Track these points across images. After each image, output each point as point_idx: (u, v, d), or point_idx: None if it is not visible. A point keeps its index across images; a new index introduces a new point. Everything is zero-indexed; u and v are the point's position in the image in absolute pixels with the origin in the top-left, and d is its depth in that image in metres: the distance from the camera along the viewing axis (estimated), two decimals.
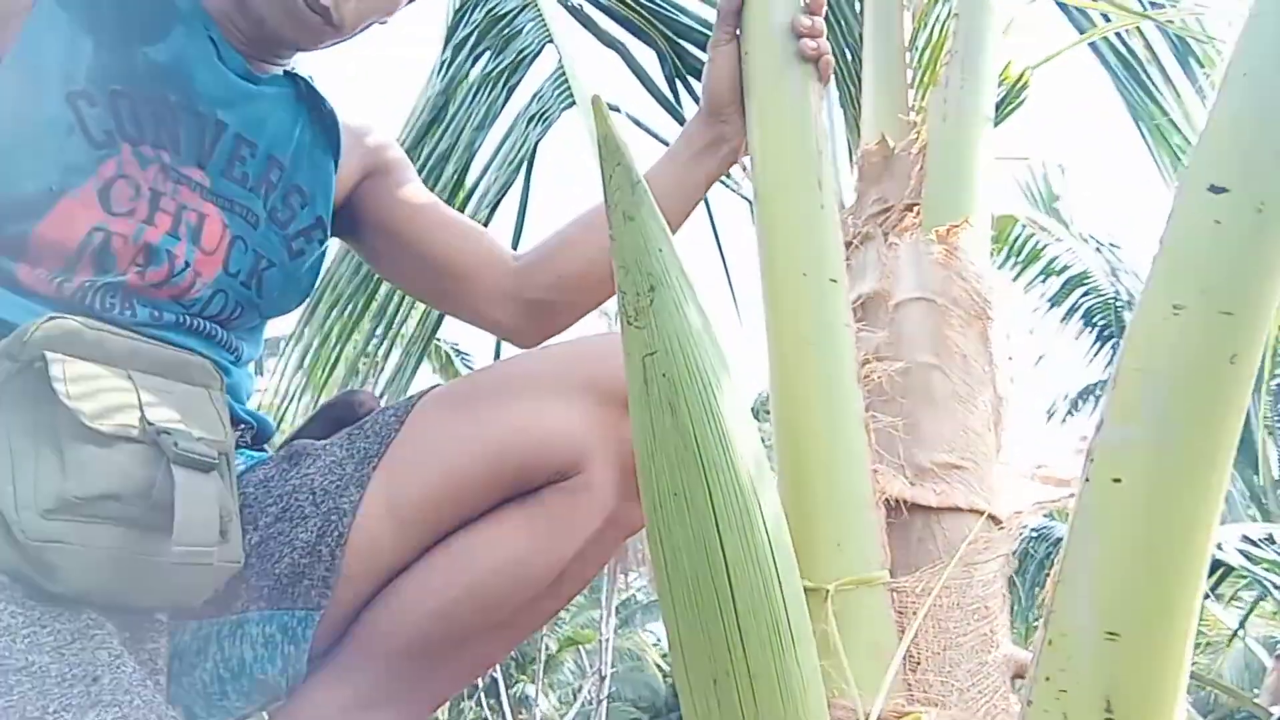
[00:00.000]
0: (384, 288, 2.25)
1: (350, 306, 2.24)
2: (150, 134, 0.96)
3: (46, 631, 0.73)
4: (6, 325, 0.85)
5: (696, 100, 2.29)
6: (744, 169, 1.69)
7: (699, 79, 2.35)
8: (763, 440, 0.86)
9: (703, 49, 2.35)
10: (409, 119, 2.32)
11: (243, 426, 1.07)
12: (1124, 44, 2.10)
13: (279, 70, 1.10)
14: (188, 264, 0.98)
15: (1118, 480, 0.80)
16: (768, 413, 1.15)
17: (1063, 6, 2.04)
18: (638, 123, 2.29)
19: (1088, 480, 0.82)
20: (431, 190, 1.33)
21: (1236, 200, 0.78)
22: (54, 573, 0.75)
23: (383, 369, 2.32)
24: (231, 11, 1.03)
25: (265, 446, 1.12)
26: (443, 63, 2.33)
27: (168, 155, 0.97)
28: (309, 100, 1.11)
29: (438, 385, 1.03)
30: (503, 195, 2.19)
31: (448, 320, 2.31)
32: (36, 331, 0.81)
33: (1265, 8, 0.82)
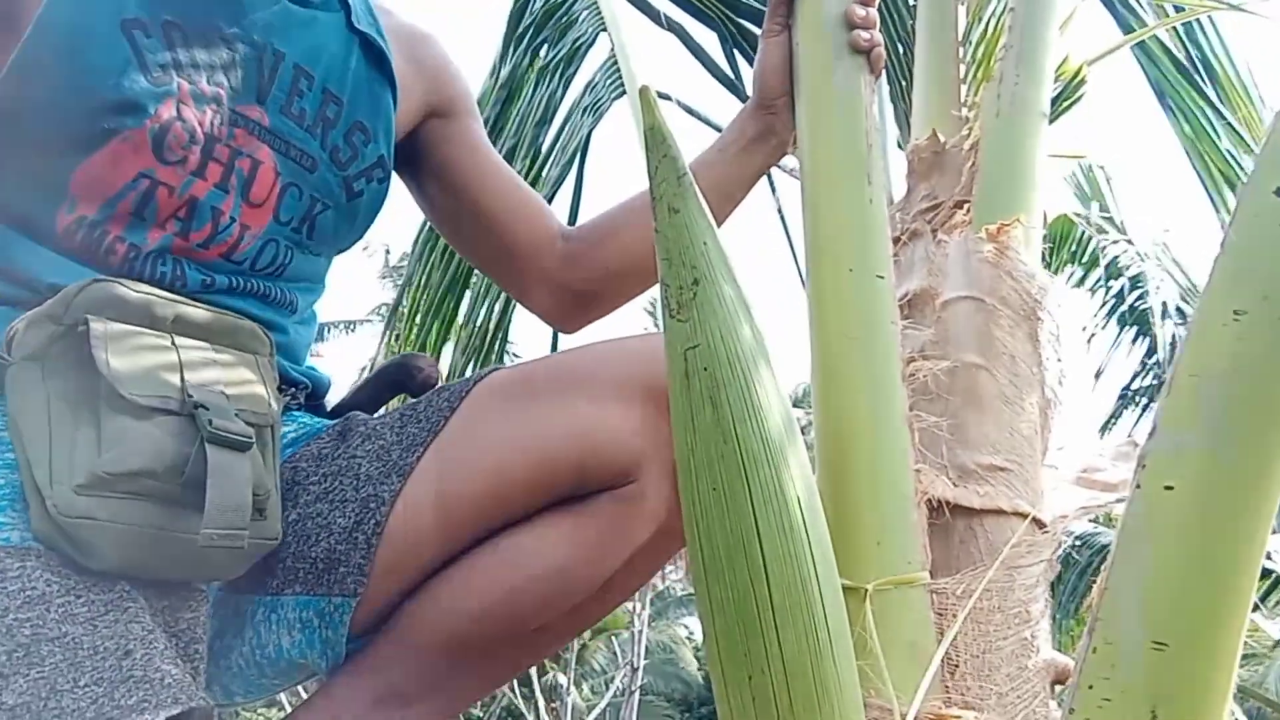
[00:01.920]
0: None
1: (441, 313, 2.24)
2: (206, 68, 0.90)
3: (80, 602, 0.73)
4: (53, 288, 0.83)
5: None
6: (789, 166, 1.68)
7: None
8: (803, 431, 0.85)
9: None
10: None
11: (294, 389, 1.04)
12: (1179, 40, 2.05)
13: None
14: (233, 219, 0.94)
15: (1170, 488, 0.79)
16: (809, 405, 1.14)
17: (1111, 3, 2.00)
18: (691, 111, 2.27)
19: (1139, 487, 0.81)
20: None
21: None
22: (87, 548, 0.74)
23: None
24: None
25: (322, 403, 1.10)
26: (504, 54, 2.32)
27: (225, 93, 0.91)
28: (362, 28, 1.04)
29: (495, 369, 0.99)
30: (558, 188, 2.18)
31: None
32: (80, 295, 0.80)
33: None
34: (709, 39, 2.23)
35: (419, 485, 0.90)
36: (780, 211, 2.33)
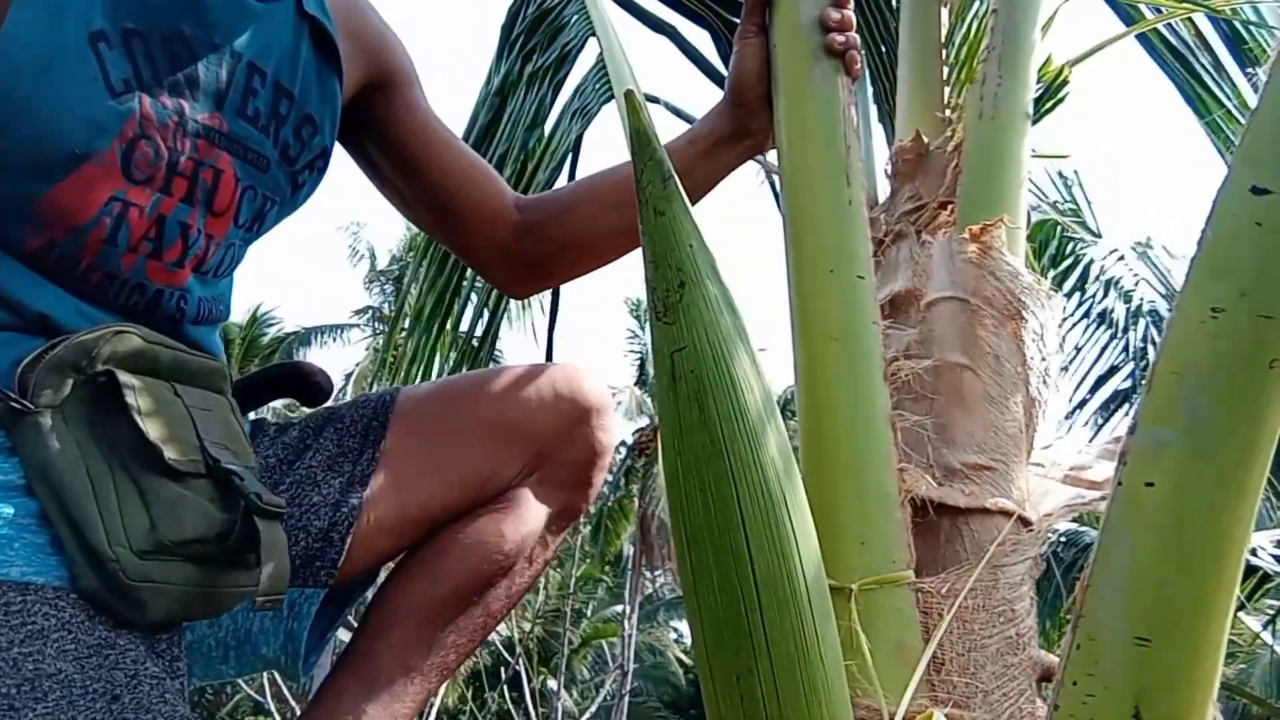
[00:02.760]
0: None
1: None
2: (167, 79, 0.87)
3: (70, 638, 0.73)
4: (41, 318, 0.82)
5: None
6: (763, 163, 1.68)
7: None
8: (789, 437, 0.86)
9: None
10: (469, 124, 2.31)
11: None
12: (1176, 35, 2.07)
13: None
14: (200, 231, 0.93)
15: (1150, 484, 0.79)
16: (793, 411, 1.14)
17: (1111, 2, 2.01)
18: (679, 113, 2.28)
19: (1120, 484, 0.81)
20: None
21: (1278, 202, 0.77)
22: (141, 608, 0.76)
23: None
24: None
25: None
26: (499, 61, 2.32)
27: (186, 104, 0.89)
28: (311, 12, 1.02)
29: (402, 388, 1.13)
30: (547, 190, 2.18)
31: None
32: (104, 345, 0.80)
33: None
34: (700, 37, 2.24)
35: (376, 491, 1.04)
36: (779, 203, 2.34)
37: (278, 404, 1.18)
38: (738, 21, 1.21)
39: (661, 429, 0.81)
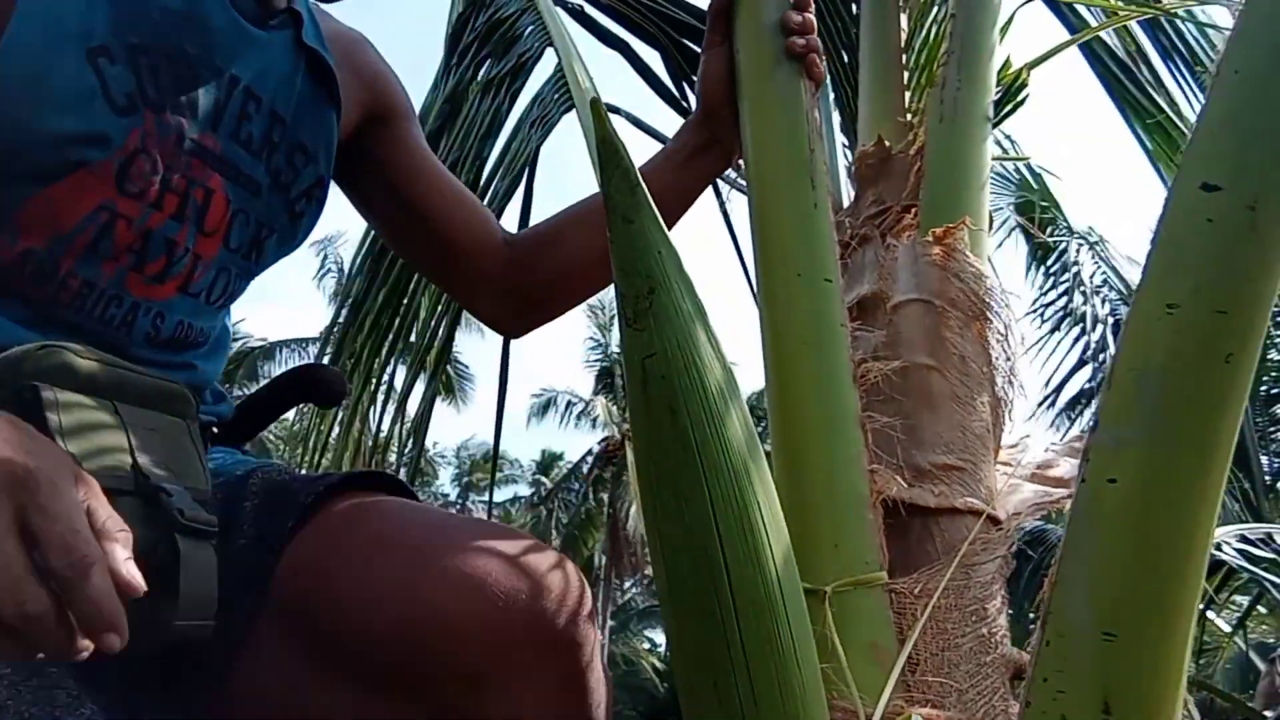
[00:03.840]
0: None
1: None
2: (171, 97, 0.89)
3: (4, 664, 0.70)
4: None
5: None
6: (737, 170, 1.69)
7: None
8: (761, 440, 0.86)
9: None
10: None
11: (206, 433, 1.01)
12: (1120, 41, 2.11)
13: (283, 3, 1.00)
14: (188, 249, 0.93)
15: (1113, 480, 0.80)
16: (762, 415, 1.14)
17: (1054, 7, 2.05)
18: (638, 123, 2.29)
19: (1084, 480, 0.82)
20: None
21: (1229, 198, 0.78)
22: None
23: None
24: None
25: (214, 428, 1.06)
26: (447, 68, 2.32)
27: (185, 121, 0.90)
28: (310, 44, 1.02)
29: (349, 489, 0.93)
30: (507, 201, 2.19)
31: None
32: (29, 361, 0.76)
33: (1257, 6, 0.82)
34: (651, 56, 2.26)
35: (272, 617, 0.86)
36: (727, 218, 2.36)
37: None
38: (686, 42, 1.22)
39: (634, 436, 0.81)
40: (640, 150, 1.43)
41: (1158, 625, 0.79)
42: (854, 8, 1.85)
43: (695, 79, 1.25)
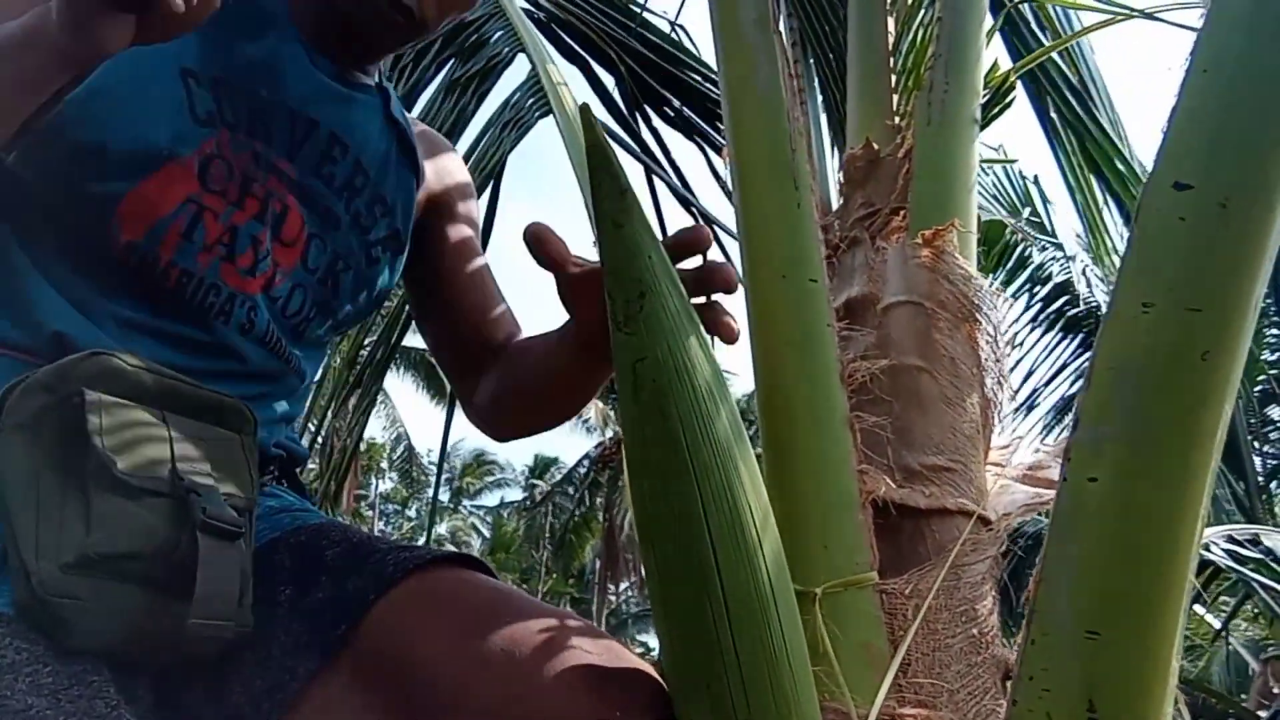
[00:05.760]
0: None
1: None
2: (245, 123, 0.96)
3: (47, 671, 0.71)
4: (57, 337, 0.85)
5: (654, 131, 2.33)
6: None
7: (656, 107, 2.37)
8: (751, 442, 0.87)
9: (662, 83, 2.36)
10: None
11: (272, 464, 1.03)
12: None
13: (369, 80, 1.08)
14: (269, 252, 0.97)
15: (1094, 479, 0.81)
16: (753, 419, 1.15)
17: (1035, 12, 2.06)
18: (611, 134, 2.32)
19: (1065, 480, 0.83)
20: None
21: (1200, 196, 0.79)
22: (65, 627, 0.73)
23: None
24: (318, 16, 1.01)
25: (298, 471, 1.10)
26: (400, 69, 2.35)
27: (260, 145, 0.97)
28: (397, 118, 1.10)
29: (433, 571, 0.89)
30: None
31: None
32: (78, 366, 0.79)
33: (1224, 5, 0.83)
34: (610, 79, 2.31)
35: (335, 671, 0.84)
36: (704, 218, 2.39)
37: None
38: (639, 70, 1.18)
39: (625, 440, 0.81)
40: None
41: (1141, 623, 0.79)
42: (841, 12, 1.86)
43: (648, 109, 1.22)
